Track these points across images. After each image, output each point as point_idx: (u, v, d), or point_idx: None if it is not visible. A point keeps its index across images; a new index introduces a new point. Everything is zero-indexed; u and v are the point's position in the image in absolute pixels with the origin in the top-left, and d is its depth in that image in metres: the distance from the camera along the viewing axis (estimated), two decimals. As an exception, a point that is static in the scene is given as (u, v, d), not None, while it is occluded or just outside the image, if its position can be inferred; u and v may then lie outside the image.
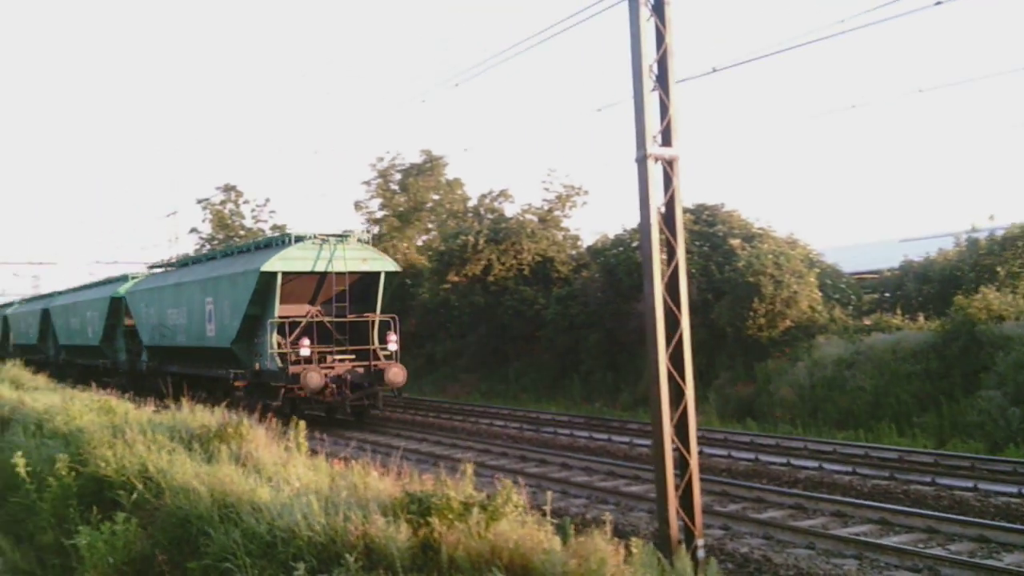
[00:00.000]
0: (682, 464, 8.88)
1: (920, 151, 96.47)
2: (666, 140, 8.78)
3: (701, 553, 8.68)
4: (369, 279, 24.44)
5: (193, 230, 72.64)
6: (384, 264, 25.22)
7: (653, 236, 8.52)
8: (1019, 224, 25.19)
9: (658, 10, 8.67)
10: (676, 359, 8.78)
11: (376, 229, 53.18)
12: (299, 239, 23.86)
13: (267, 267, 22.74)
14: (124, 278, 36.38)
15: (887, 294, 28.28)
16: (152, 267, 35.84)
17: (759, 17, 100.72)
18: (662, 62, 8.73)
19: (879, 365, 21.68)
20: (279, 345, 22.91)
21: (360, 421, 24.85)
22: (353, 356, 24.01)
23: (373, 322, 24.43)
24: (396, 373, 23.77)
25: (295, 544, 6.29)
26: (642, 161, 8.54)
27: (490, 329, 37.00)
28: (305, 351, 22.79)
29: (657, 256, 8.57)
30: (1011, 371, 18.74)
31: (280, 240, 24.63)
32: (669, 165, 8.77)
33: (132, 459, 9.11)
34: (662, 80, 8.75)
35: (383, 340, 24.43)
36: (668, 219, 8.83)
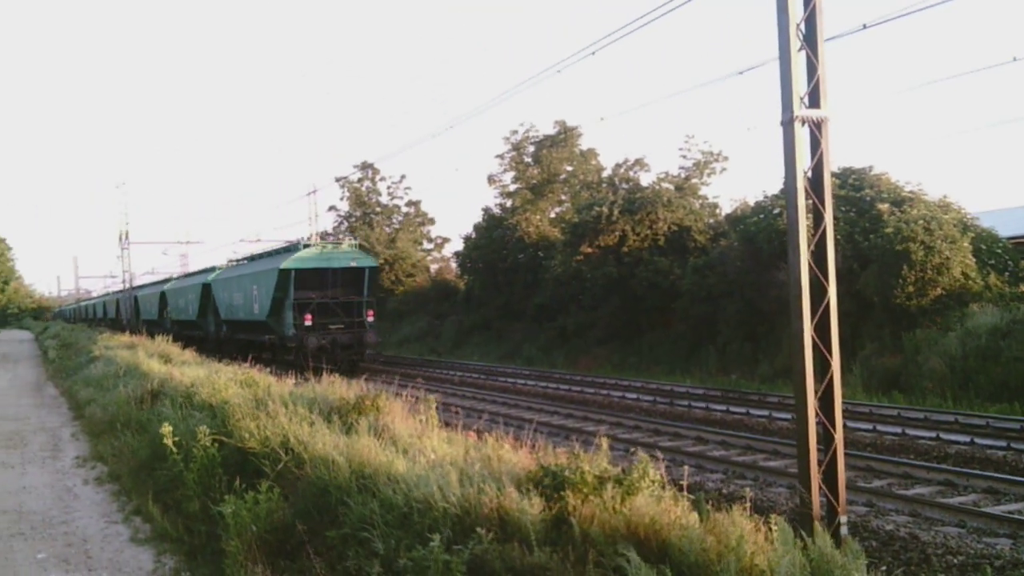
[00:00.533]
0: (826, 438, 8.60)
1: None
2: (814, 101, 8.44)
3: (844, 530, 8.41)
4: (356, 272, 34.33)
5: (332, 208, 74.63)
6: (367, 262, 35.42)
7: (799, 202, 8.23)
8: None
9: (806, -34, 8.33)
10: (821, 329, 8.47)
11: (508, 203, 53.49)
12: (307, 246, 34.84)
13: (284, 266, 32.82)
14: (211, 269, 46.26)
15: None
16: (229, 262, 46.09)
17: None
18: (810, 20, 8.39)
19: (1037, 334, 20.59)
20: (294, 318, 32.65)
21: (352, 371, 29.65)
22: (343, 326, 33.47)
23: (359, 302, 34.34)
24: (371, 336, 33.82)
25: (431, 515, 6.33)
26: (788, 124, 8.24)
27: (623, 301, 36.75)
28: (308, 323, 32.46)
29: (803, 223, 8.27)
30: None
31: (296, 247, 35.16)
32: (817, 127, 8.44)
33: (274, 431, 9.35)
34: (810, 39, 8.40)
35: (364, 315, 34.23)
36: (815, 184, 8.51)
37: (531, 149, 53.70)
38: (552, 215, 52.84)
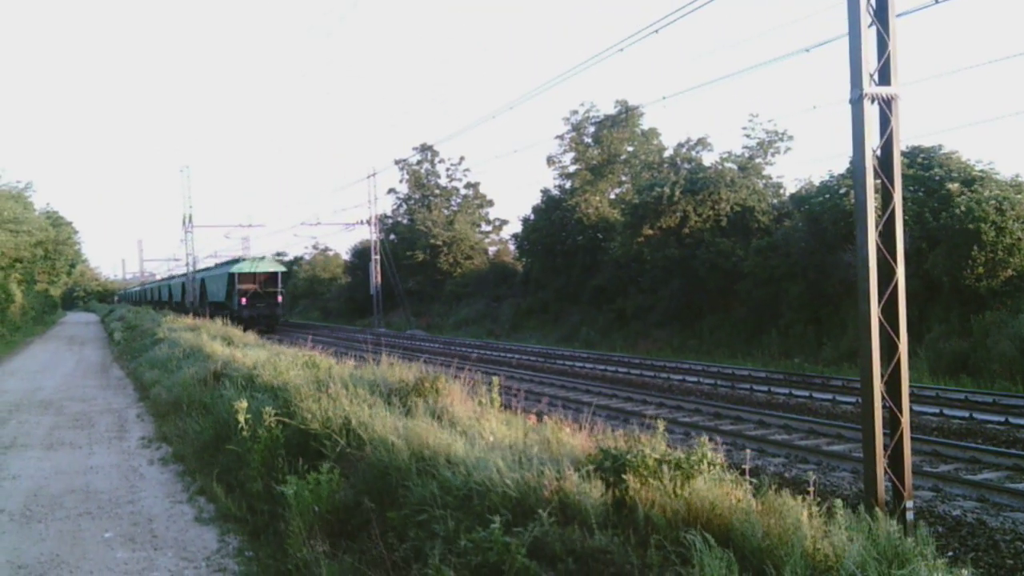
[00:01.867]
0: (892, 422, 8.42)
1: None
2: (884, 79, 8.21)
3: (910, 515, 8.24)
4: (272, 275, 55.26)
5: (391, 190, 75.12)
6: (279, 268, 57.04)
7: (868, 181, 8.03)
8: None
9: (875, -62, 8.10)
10: (889, 311, 8.28)
11: (568, 184, 53.23)
12: (242, 260, 56.70)
13: (232, 270, 55.05)
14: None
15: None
16: (217, 264, 69.01)
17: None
18: (880, -6, 8.17)
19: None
20: (237, 300, 52.85)
21: (270, 330, 48.84)
22: (264, 304, 53.78)
23: (274, 292, 54.60)
24: (279, 311, 55.77)
25: (490, 498, 6.30)
26: (857, 101, 8.04)
27: (684, 283, 36.45)
28: (244, 301, 52.66)
29: (871, 203, 8.07)
30: None
31: (239, 260, 57.33)
32: (887, 105, 8.21)
33: (335, 412, 9.39)
34: (881, 14, 8.17)
35: (276, 299, 54.80)
36: (884, 163, 8.29)
37: (591, 129, 53.37)
38: (612, 196, 52.54)
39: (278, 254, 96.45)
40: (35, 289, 56.53)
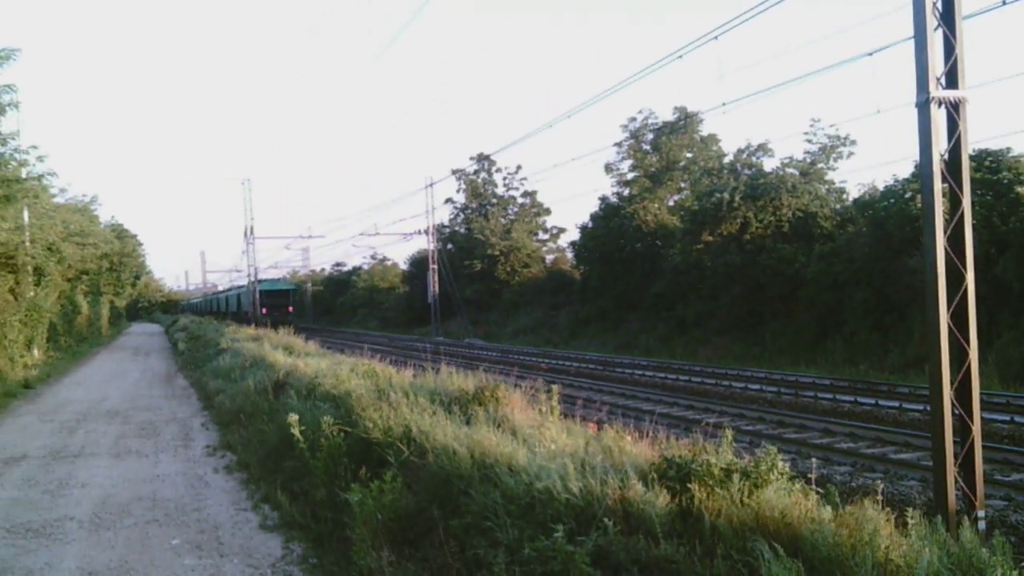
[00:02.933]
0: (962, 430, 8.26)
1: None
2: (951, 82, 8.07)
3: (982, 525, 8.08)
4: (284, 291, 76.04)
5: (448, 200, 75.57)
6: (289, 286, 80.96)
7: (935, 186, 7.89)
8: None
9: (941, -61, 7.97)
10: (958, 317, 8.12)
11: (626, 192, 53.03)
12: (264, 280, 76.77)
13: (261, 286, 73.25)
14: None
15: None
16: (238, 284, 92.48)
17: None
18: (948, -3, 8.04)
19: None
20: (259, 308, 69.26)
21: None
22: (278, 312, 67.18)
23: (285, 303, 73.26)
24: (289, 317, 65.49)
25: (553, 506, 6.28)
26: (924, 105, 7.91)
27: (745, 290, 36.08)
28: (264, 311, 67.74)
29: (939, 207, 7.93)
30: None
31: (259, 281, 72.81)
32: (954, 108, 8.07)
33: (396, 421, 9.43)
34: (947, 17, 8.03)
35: (287, 308, 72.00)
36: (952, 167, 8.14)
37: (650, 136, 53.19)
38: (671, 203, 52.27)
39: (337, 264, 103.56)
40: (100, 301, 57.59)
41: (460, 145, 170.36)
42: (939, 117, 8.00)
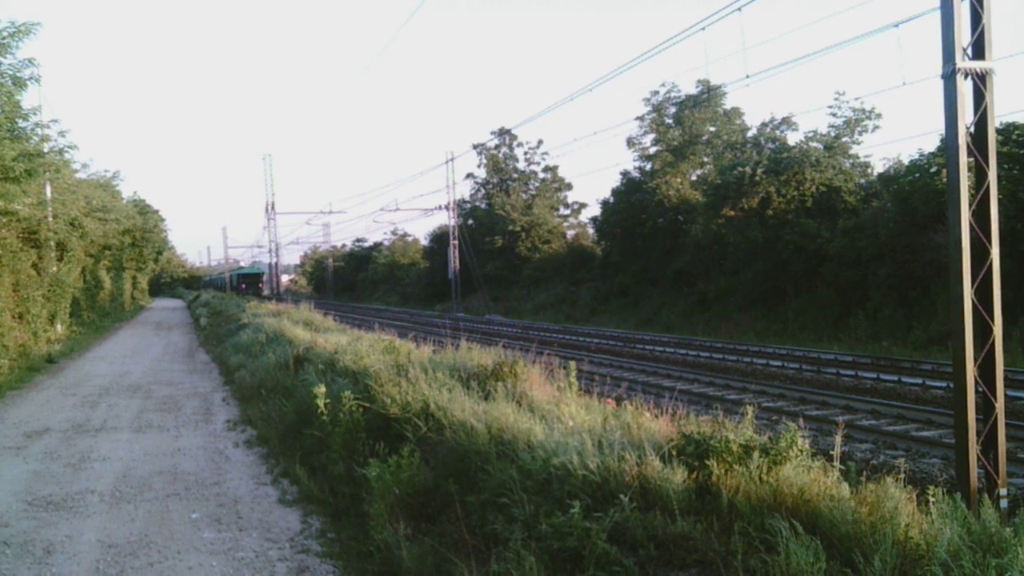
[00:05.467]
0: (985, 407, 8.16)
1: None
2: (978, 52, 7.91)
3: (1004, 503, 7.99)
4: (258, 274, 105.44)
5: (469, 175, 75.42)
6: (262, 269, 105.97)
7: (961, 159, 7.75)
8: None
9: (968, -95, 7.80)
10: (982, 293, 8.00)
11: (648, 166, 52.75)
12: (243, 268, 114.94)
13: (239, 271, 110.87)
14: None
15: None
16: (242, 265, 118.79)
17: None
18: (973, -35, 7.87)
19: None
20: (239, 285, 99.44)
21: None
22: (252, 288, 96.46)
23: (258, 282, 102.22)
24: (264, 291, 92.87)
25: (570, 482, 6.25)
26: (949, 77, 7.76)
27: (767, 265, 35.86)
28: (243, 287, 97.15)
29: (965, 181, 7.79)
30: None
31: (241, 267, 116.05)
32: (981, 80, 7.91)
33: (415, 396, 9.43)
34: (973, -15, 7.88)
35: (259, 285, 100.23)
36: (978, 140, 8.00)
37: (672, 110, 52.78)
38: (694, 177, 51.92)
39: (358, 240, 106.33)
40: (122, 276, 57.77)
41: (481, 119, 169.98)
42: (965, 89, 7.85)
